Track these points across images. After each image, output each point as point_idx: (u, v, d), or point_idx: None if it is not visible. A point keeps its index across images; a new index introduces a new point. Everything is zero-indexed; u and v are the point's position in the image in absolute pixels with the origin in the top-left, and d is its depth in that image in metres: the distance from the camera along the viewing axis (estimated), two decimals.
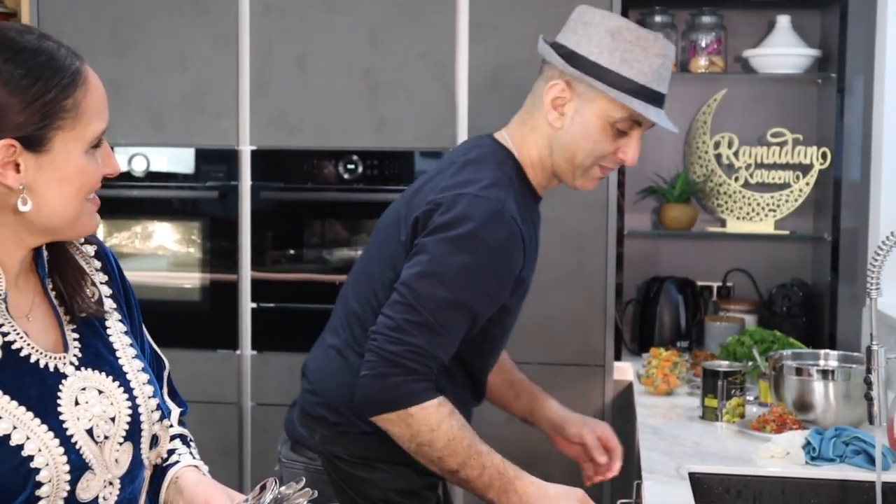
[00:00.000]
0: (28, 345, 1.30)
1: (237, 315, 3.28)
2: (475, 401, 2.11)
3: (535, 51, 3.02)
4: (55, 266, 1.40)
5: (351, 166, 3.22)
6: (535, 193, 2.02)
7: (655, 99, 1.90)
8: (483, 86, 3.13)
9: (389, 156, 3.21)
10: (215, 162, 3.27)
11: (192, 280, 3.32)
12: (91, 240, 1.48)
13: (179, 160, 3.31)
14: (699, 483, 2.07)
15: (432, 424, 1.79)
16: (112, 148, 1.36)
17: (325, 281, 3.28)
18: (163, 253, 3.37)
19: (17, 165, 1.24)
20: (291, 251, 3.32)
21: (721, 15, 3.43)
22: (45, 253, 1.38)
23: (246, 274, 3.27)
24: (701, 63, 3.41)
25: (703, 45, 3.41)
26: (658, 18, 3.38)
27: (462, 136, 3.14)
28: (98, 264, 1.48)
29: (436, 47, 3.14)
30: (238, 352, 3.29)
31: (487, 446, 1.83)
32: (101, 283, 1.47)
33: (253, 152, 3.24)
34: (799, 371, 2.42)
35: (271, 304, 3.28)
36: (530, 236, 1.96)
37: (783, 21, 3.35)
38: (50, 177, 1.26)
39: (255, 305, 3.27)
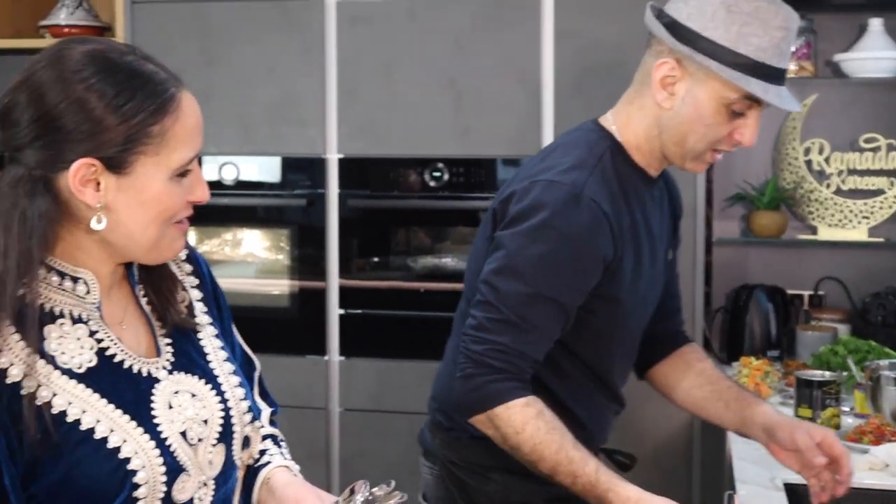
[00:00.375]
0: (122, 351, 1.33)
1: (325, 321, 3.31)
2: (613, 405, 1.99)
3: (622, 55, 3.00)
4: (147, 276, 1.42)
5: (437, 174, 3.23)
6: (643, 174, 1.87)
7: (775, 76, 1.74)
8: (568, 91, 3.11)
9: (475, 163, 3.22)
10: (303, 170, 3.31)
11: (280, 287, 3.37)
12: None
13: (268, 169, 3.37)
14: (795, 493, 2.01)
15: (517, 426, 1.70)
16: (201, 160, 1.35)
17: (410, 288, 3.30)
18: (252, 260, 3.42)
19: (98, 184, 1.25)
20: (378, 258, 3.34)
21: (811, 19, 3.36)
22: (136, 263, 1.41)
23: (334, 281, 3.30)
24: (790, 68, 3.34)
25: (793, 49, 3.34)
26: None
27: (547, 142, 3.12)
28: (189, 268, 1.50)
29: (520, 53, 3.14)
30: (326, 357, 3.32)
31: (583, 452, 1.70)
32: (192, 288, 1.49)
33: (340, 160, 3.27)
34: None
35: (358, 311, 3.31)
36: (628, 219, 1.83)
37: (875, 24, 3.27)
38: (129, 199, 1.26)
39: (342, 312, 3.30)
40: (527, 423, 1.70)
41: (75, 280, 1.31)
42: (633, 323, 1.94)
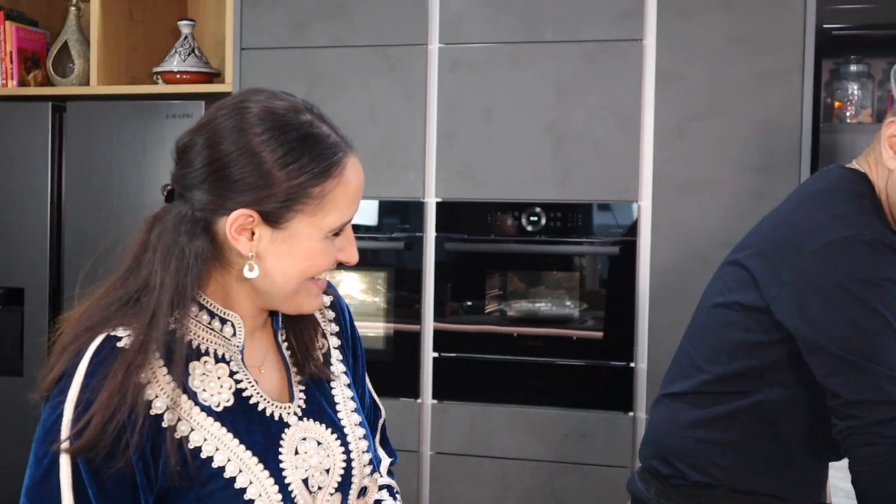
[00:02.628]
0: (258, 393, 1.36)
1: (419, 364, 3.32)
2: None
3: (724, 100, 2.98)
4: (291, 323, 1.45)
5: (534, 218, 3.24)
6: (887, 221, 1.78)
7: None
8: (669, 137, 3.10)
9: (572, 208, 3.21)
10: (401, 213, 3.34)
11: (375, 329, 3.39)
12: (328, 291, 1.52)
13: (368, 212, 3.40)
14: None
15: None
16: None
17: (503, 333, 3.30)
18: (349, 301, 3.44)
19: (252, 234, 1.29)
20: (472, 302, 3.35)
21: None
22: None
23: (428, 324, 3.31)
24: None
25: None
26: (853, 68, 3.28)
27: (646, 187, 3.11)
28: (332, 315, 1.53)
29: (621, 99, 3.14)
30: (419, 400, 3.32)
31: None
32: (331, 335, 1.52)
33: (438, 204, 3.30)
34: None
35: (452, 354, 3.31)
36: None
37: None
38: (279, 251, 1.30)
39: (436, 355, 3.31)
40: None
41: (223, 321, 1.35)
42: None
